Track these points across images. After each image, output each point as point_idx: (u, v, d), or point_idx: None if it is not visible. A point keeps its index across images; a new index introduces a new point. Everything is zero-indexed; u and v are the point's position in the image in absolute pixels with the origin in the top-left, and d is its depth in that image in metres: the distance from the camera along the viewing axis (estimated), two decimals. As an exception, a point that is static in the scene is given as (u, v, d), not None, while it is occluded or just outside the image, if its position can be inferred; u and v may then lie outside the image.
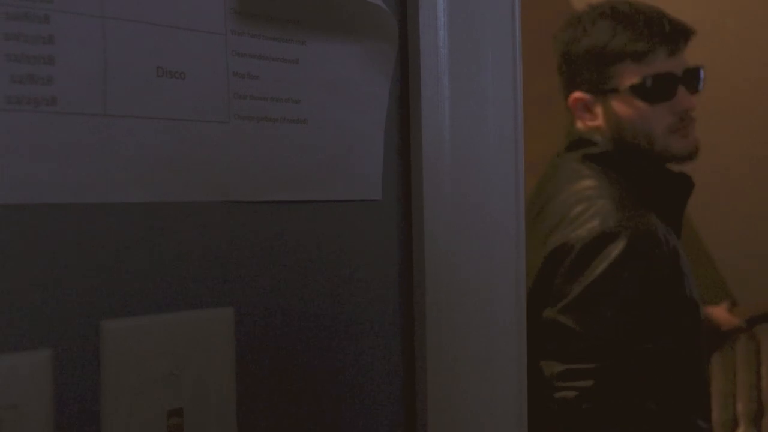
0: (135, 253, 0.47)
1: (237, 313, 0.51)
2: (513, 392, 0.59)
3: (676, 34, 1.23)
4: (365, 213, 0.57)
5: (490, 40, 0.59)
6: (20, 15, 0.43)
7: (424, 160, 0.56)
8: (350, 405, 0.56)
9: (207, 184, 0.49)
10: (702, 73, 1.28)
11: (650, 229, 1.16)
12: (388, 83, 0.57)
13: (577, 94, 1.30)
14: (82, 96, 0.45)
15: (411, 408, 0.59)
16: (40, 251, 0.43)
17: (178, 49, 0.49)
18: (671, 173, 1.28)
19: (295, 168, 0.53)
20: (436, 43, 0.57)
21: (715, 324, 1.77)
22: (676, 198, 1.28)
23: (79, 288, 0.45)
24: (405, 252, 0.59)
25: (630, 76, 1.23)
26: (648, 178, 1.25)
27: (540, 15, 1.50)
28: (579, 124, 1.32)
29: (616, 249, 1.11)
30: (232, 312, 0.51)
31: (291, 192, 0.53)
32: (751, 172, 2.18)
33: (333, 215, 0.55)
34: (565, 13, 1.51)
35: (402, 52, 0.57)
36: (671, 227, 1.25)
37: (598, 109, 1.29)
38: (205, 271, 0.50)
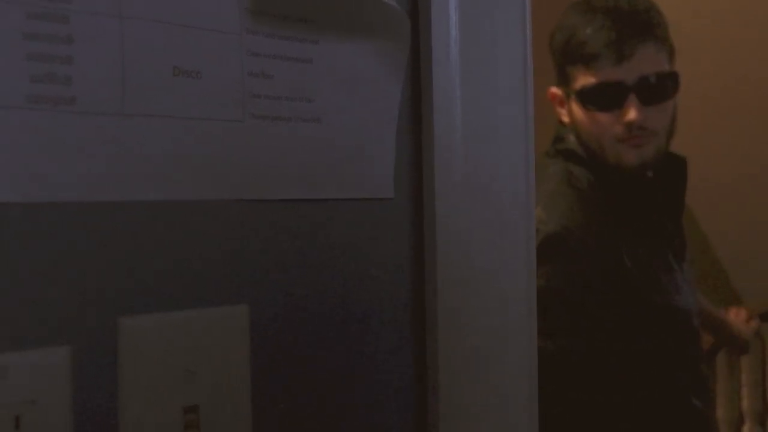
0: (152, 250, 0.47)
1: (251, 310, 0.51)
2: (524, 385, 0.59)
3: (625, 40, 1.14)
4: (377, 211, 0.58)
5: (501, 37, 0.59)
6: (40, 15, 0.44)
7: (435, 159, 0.57)
8: (362, 398, 0.57)
9: (222, 182, 0.50)
10: (669, 82, 1.19)
11: (558, 232, 1.15)
12: (401, 82, 0.57)
13: (553, 89, 1.28)
14: (101, 95, 0.45)
15: (423, 400, 0.59)
16: (58, 249, 0.44)
17: (193, 49, 0.49)
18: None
19: (309, 166, 0.54)
20: (447, 42, 0.57)
21: (737, 334, 1.74)
22: (672, 183, 1.25)
23: (97, 285, 0.45)
24: (416, 249, 0.60)
25: (581, 80, 1.19)
26: (609, 178, 1.22)
27: (552, 10, 1.49)
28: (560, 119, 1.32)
29: None
30: (247, 309, 0.51)
31: (304, 190, 0.54)
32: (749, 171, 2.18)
33: (346, 213, 0.56)
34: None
35: (414, 50, 0.58)
36: (671, 218, 1.24)
37: (567, 107, 1.26)
38: (221, 269, 0.50)
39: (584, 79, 1.18)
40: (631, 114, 1.14)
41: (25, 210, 0.43)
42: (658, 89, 1.16)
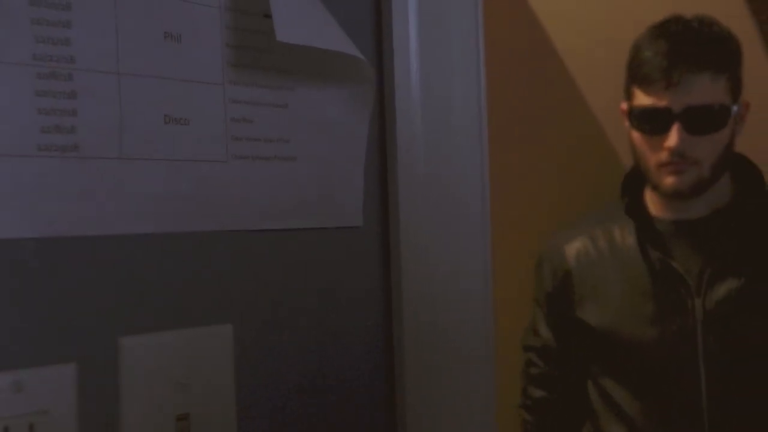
0: (147, 277, 0.54)
1: (235, 328, 0.58)
2: (483, 385, 0.66)
3: (676, 67, 1.12)
4: (348, 238, 0.64)
5: (458, 83, 0.66)
6: (48, 74, 0.50)
7: (399, 191, 0.64)
8: (338, 402, 0.63)
9: (209, 215, 0.57)
10: (718, 115, 1.15)
11: (546, 251, 1.29)
12: (367, 122, 0.64)
13: (623, 105, 1.25)
14: (101, 142, 0.52)
15: (391, 399, 0.66)
16: (65, 278, 0.50)
17: (182, 99, 0.56)
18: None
19: (287, 200, 0.60)
20: (409, 86, 0.64)
21: None
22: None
23: (99, 308, 0.52)
24: (385, 270, 0.66)
25: (637, 100, 1.18)
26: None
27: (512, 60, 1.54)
28: None
29: None
30: (231, 328, 0.58)
31: (283, 221, 0.60)
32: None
33: (320, 240, 0.62)
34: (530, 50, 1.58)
35: (379, 95, 0.65)
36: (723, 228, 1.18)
37: (628, 123, 1.24)
38: (207, 292, 0.57)
39: (639, 100, 1.18)
40: (672, 140, 1.13)
41: (37, 245, 0.49)
42: (706, 120, 1.14)
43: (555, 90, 1.64)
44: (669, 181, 1.16)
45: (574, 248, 1.28)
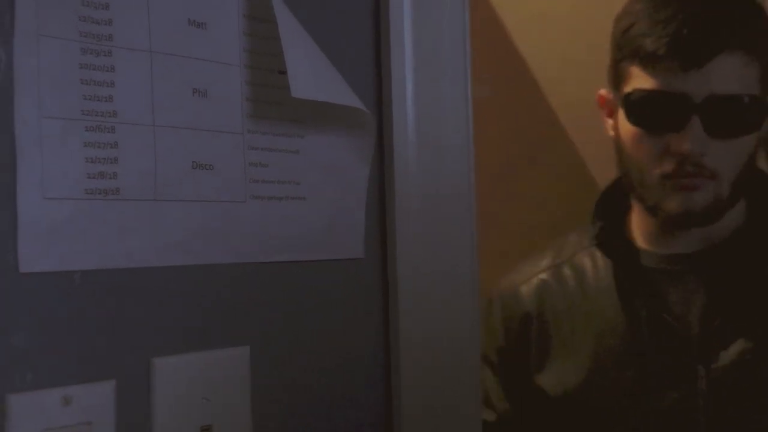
0: (177, 304, 0.61)
1: (252, 350, 0.65)
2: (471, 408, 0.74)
3: (699, 42, 0.81)
4: (352, 268, 0.72)
5: (449, 129, 0.75)
6: (94, 127, 0.58)
7: (397, 227, 0.72)
8: (339, 416, 0.71)
9: (230, 249, 0.64)
10: (752, 111, 0.83)
11: (497, 291, 1.02)
12: (368, 166, 0.72)
13: (602, 92, 0.94)
14: (138, 186, 0.60)
15: (389, 408, 0.73)
16: (107, 305, 0.58)
17: (207, 146, 0.64)
18: None
19: (297, 235, 0.68)
20: (405, 133, 0.72)
21: None
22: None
23: (135, 332, 0.59)
24: (384, 297, 0.74)
25: (634, 81, 0.85)
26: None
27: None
28: None
29: None
30: (248, 350, 0.65)
31: (294, 254, 0.68)
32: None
33: (326, 271, 0.70)
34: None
35: (379, 140, 0.73)
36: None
37: (615, 117, 0.92)
38: (228, 318, 0.64)
39: (638, 82, 0.84)
40: (687, 141, 0.80)
41: (83, 275, 0.57)
42: (734, 117, 0.82)
43: (539, 127, 1.70)
44: (676, 200, 0.83)
45: (533, 287, 0.96)
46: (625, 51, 0.87)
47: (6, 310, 0.53)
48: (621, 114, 0.89)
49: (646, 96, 0.84)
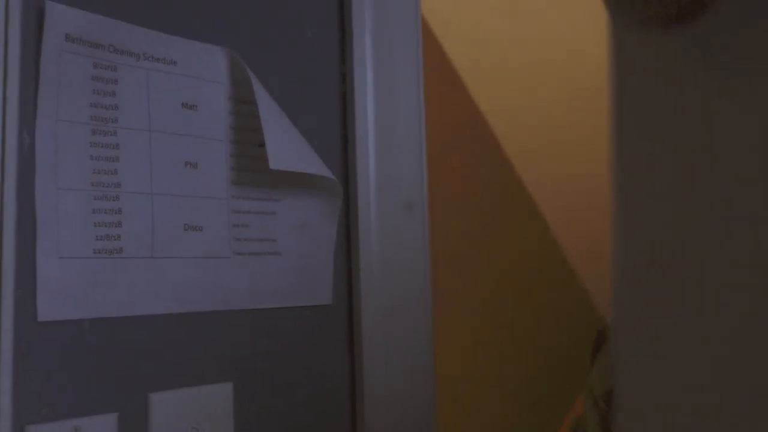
0: (171, 346, 0.71)
1: (234, 386, 0.75)
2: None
3: None
4: (322, 313, 0.82)
5: (405, 190, 0.86)
6: (101, 197, 0.68)
7: (361, 276, 0.82)
8: (313, 448, 0.81)
9: (217, 298, 0.74)
10: None
11: None
12: (335, 224, 0.83)
13: None
14: (138, 245, 0.70)
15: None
16: (111, 348, 0.67)
17: (198, 211, 0.74)
18: None
19: (274, 285, 0.79)
20: (368, 196, 0.84)
21: None
22: None
23: (135, 370, 0.69)
24: (349, 337, 0.84)
25: None
26: None
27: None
28: None
29: None
30: (231, 386, 0.75)
31: (272, 301, 0.78)
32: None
33: (299, 316, 0.81)
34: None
35: (345, 203, 0.84)
36: None
37: None
38: (214, 357, 0.74)
39: None
40: None
41: (91, 323, 0.66)
42: None
43: (494, 180, 1.79)
44: None
45: None
46: None
47: (27, 354, 0.63)
48: None
49: None
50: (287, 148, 0.78)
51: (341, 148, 0.85)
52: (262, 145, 0.78)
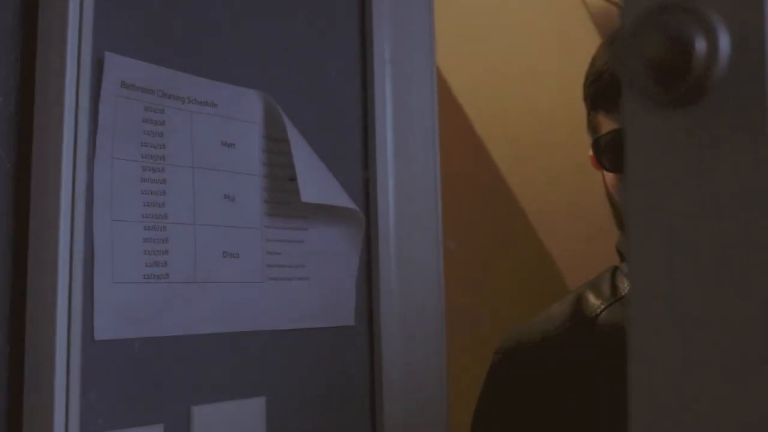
0: (211, 363, 0.78)
1: (267, 400, 0.82)
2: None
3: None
4: (345, 333, 0.89)
5: (421, 225, 0.94)
6: (150, 227, 0.76)
7: (381, 300, 0.89)
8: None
9: (251, 319, 0.81)
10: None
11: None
12: (359, 252, 0.91)
13: (591, 152, 0.89)
14: (183, 271, 0.77)
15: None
16: (158, 364, 0.74)
17: (234, 239, 0.81)
18: None
19: (302, 308, 0.86)
20: (387, 227, 0.91)
21: None
22: None
23: (178, 385, 0.75)
24: (371, 355, 0.91)
25: (602, 131, 0.84)
26: None
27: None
28: None
29: None
30: (264, 400, 0.82)
31: (300, 322, 0.85)
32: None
33: (325, 336, 0.87)
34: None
35: (367, 232, 0.91)
36: None
37: (601, 171, 0.89)
38: (249, 374, 0.81)
39: (605, 128, 0.83)
40: None
41: (142, 342, 0.73)
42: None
43: (507, 225, 1.85)
44: None
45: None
46: (591, 102, 0.87)
47: (86, 370, 0.70)
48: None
49: (610, 138, 0.81)
50: (316, 182, 0.86)
51: (362, 181, 0.92)
52: (292, 179, 0.85)
